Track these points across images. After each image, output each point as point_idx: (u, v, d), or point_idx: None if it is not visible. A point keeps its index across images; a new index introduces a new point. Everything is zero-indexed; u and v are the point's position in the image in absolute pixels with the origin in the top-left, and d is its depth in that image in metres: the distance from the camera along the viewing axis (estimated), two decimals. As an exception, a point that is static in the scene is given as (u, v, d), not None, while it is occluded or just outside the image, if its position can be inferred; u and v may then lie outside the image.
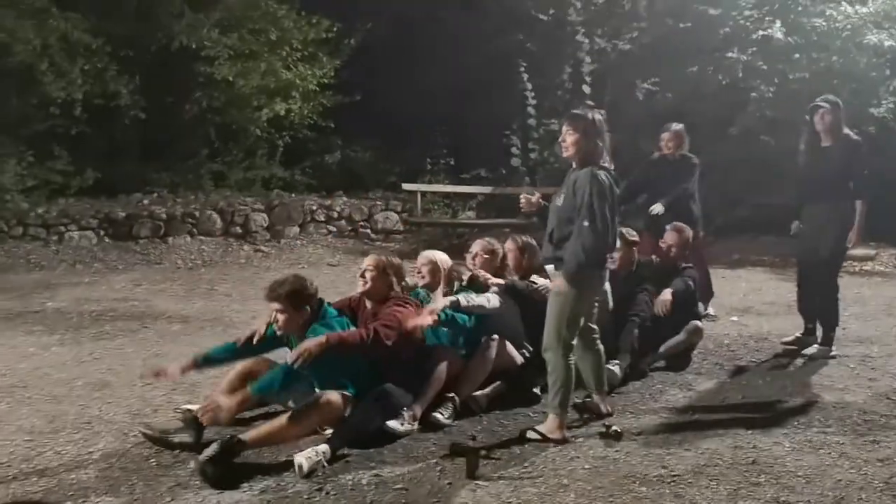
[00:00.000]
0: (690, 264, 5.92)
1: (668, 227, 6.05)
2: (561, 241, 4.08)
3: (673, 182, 6.75)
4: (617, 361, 5.07)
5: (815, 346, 6.01)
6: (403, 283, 4.64)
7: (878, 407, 4.79)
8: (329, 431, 3.90)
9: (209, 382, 4.80)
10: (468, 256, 5.21)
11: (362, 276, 4.48)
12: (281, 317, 4.07)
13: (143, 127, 11.50)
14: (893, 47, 11.01)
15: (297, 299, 4.08)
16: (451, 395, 4.43)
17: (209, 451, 3.52)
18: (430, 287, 4.84)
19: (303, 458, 3.61)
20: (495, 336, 4.67)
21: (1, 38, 10.12)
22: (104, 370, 5.32)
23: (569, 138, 4.09)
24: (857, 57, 11.12)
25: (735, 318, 7.28)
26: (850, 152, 5.76)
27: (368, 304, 4.49)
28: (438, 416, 4.30)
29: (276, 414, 4.10)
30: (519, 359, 4.81)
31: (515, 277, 5.03)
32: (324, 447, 3.72)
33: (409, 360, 4.36)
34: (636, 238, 5.68)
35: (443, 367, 4.41)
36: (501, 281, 4.94)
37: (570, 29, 12.02)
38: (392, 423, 4.08)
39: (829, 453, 4.01)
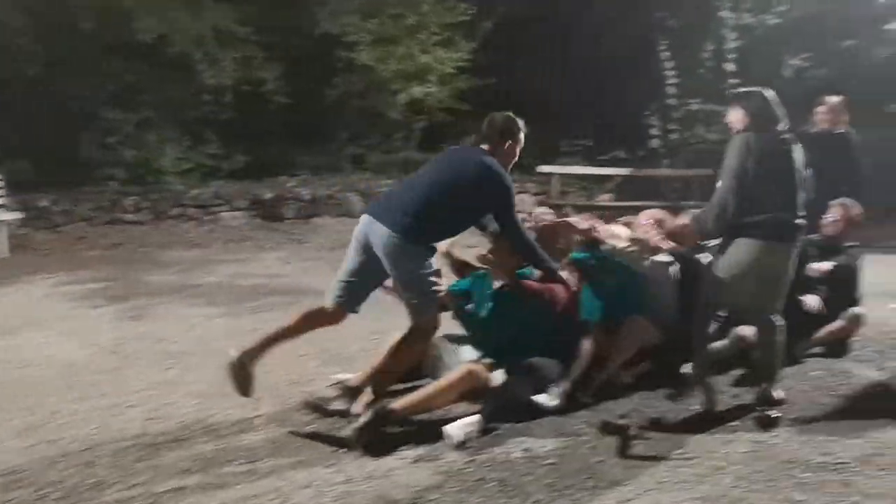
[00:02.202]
0: (857, 243, 5.60)
1: (832, 203, 5.73)
2: None
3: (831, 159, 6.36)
4: None
5: None
6: None
7: None
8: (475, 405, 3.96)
9: (359, 356, 4.99)
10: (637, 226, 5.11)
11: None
12: None
13: (287, 112, 11.99)
14: None
15: None
16: (596, 373, 4.39)
17: (362, 420, 3.66)
18: None
19: (455, 429, 3.69)
20: (638, 316, 4.59)
21: (162, 29, 10.79)
22: (262, 341, 5.60)
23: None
24: None
25: (895, 306, 6.84)
26: None
27: None
28: (582, 395, 4.28)
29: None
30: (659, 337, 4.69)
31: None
32: (476, 418, 3.78)
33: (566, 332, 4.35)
34: None
35: (589, 344, 4.37)
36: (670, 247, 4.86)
37: (715, 4, 11.56)
38: (540, 398, 4.09)
39: None
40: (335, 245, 10.03)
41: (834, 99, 6.18)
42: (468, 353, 4.31)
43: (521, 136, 4.34)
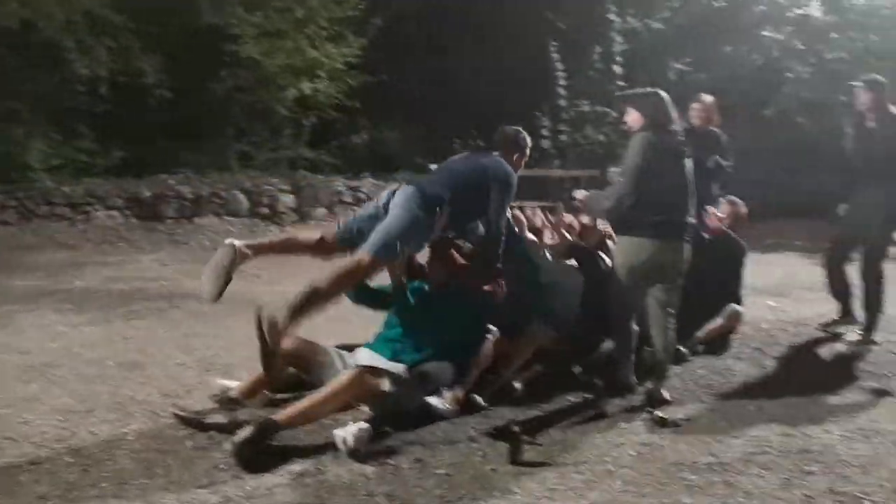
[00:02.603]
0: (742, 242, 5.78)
1: (722, 199, 5.90)
2: None
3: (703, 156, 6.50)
4: None
5: (858, 332, 5.85)
6: None
7: (929, 395, 4.65)
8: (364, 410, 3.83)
9: (241, 365, 4.75)
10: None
11: None
12: None
13: (169, 106, 11.45)
14: (935, 26, 10.74)
15: None
16: (493, 376, 4.32)
17: (244, 434, 3.43)
18: None
19: (346, 433, 3.53)
20: (539, 318, 4.58)
21: (26, 14, 10.07)
22: (135, 350, 5.27)
23: None
24: (896, 35, 10.86)
25: (772, 303, 7.12)
26: (894, 130, 5.56)
27: None
28: (478, 398, 4.20)
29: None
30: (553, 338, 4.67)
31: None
32: (365, 425, 3.62)
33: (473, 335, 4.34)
34: None
35: (489, 347, 4.30)
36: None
37: (602, 8, 11.80)
38: (433, 401, 3.97)
39: (882, 442, 3.87)
40: (219, 246, 9.64)
41: (708, 98, 6.27)
42: (359, 358, 4.12)
43: (528, 150, 4.69)
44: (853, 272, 5.95)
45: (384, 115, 13.14)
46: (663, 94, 4.42)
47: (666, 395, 4.38)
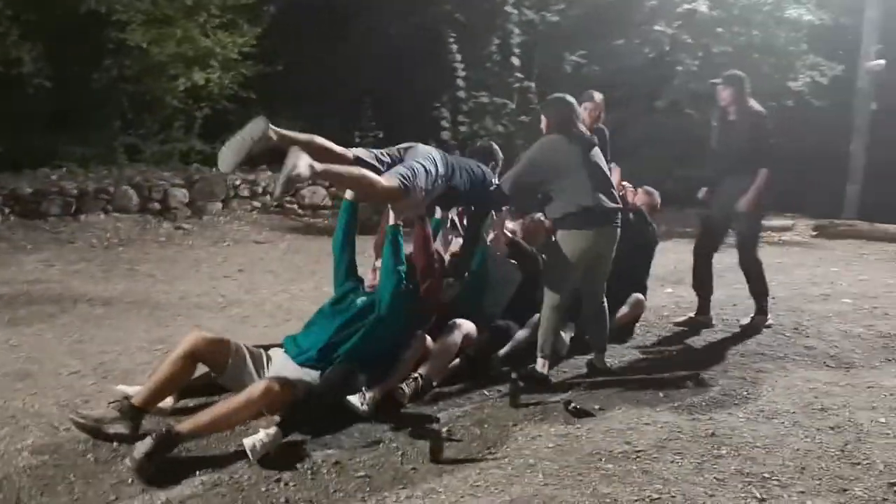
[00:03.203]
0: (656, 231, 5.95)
1: (640, 189, 6.11)
2: None
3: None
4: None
5: (752, 315, 6.09)
6: None
7: (819, 374, 4.89)
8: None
9: (141, 370, 4.54)
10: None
11: None
12: None
13: (50, 97, 10.76)
14: (811, 22, 11.31)
15: None
16: (416, 375, 4.26)
17: (143, 447, 3.22)
18: None
19: (254, 440, 3.39)
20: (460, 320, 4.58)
21: None
22: (24, 359, 4.91)
23: None
24: (776, 31, 11.38)
25: (670, 290, 7.36)
26: (753, 124, 5.81)
27: None
28: (401, 390, 4.13)
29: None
30: (474, 334, 4.68)
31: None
32: (274, 429, 3.49)
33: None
34: None
35: (412, 354, 4.27)
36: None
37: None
38: (353, 399, 3.86)
39: (783, 423, 4.05)
40: (109, 244, 9.20)
41: (598, 96, 6.29)
42: (273, 366, 3.97)
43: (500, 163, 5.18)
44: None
45: (281, 105, 12.78)
46: (569, 98, 4.75)
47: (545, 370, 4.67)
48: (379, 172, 3.96)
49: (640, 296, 5.78)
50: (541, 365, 4.65)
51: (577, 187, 4.53)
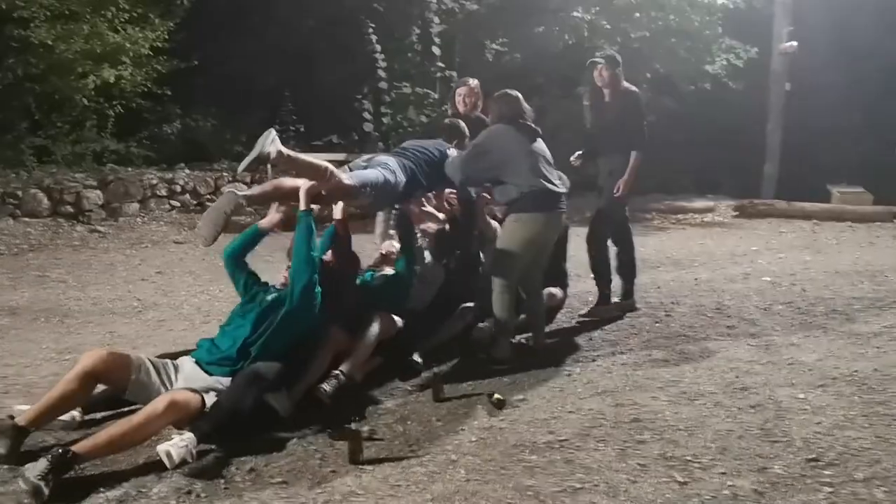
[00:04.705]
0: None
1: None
2: None
3: None
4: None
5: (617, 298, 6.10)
6: None
7: (740, 353, 4.95)
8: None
9: (47, 382, 4.30)
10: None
11: None
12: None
13: (-53, 98, 10.23)
14: (725, 6, 11.53)
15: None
16: (337, 372, 4.15)
17: (38, 469, 2.97)
18: None
19: (169, 447, 3.24)
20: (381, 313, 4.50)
21: None
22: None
23: None
24: (691, 15, 11.56)
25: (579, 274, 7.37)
26: (626, 105, 5.82)
27: None
28: (323, 389, 4.02)
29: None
30: (395, 328, 4.61)
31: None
32: (189, 435, 3.34)
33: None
34: None
35: (328, 351, 4.16)
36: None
37: (418, -13, 11.77)
38: (272, 398, 3.72)
39: (705, 404, 4.06)
40: (18, 251, 8.78)
41: (473, 81, 6.13)
42: (187, 375, 3.79)
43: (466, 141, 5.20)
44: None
45: (197, 101, 12.43)
46: (513, 92, 4.96)
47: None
48: None
49: (552, 289, 5.67)
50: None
51: (526, 173, 4.74)
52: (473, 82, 6.04)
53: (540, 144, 4.92)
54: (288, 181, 4.19)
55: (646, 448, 3.51)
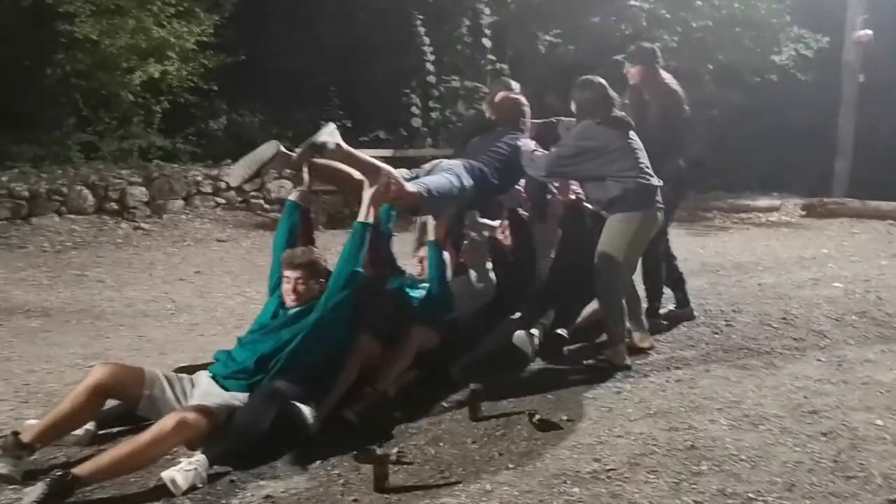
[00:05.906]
0: None
1: None
2: None
3: None
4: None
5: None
6: None
7: (809, 371, 4.51)
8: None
9: (68, 391, 4.09)
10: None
11: None
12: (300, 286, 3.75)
13: (-5, 95, 10.24)
14: (794, -8, 10.93)
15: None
16: (369, 390, 3.86)
17: (35, 495, 2.75)
18: None
19: (175, 473, 2.98)
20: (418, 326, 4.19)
21: None
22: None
23: None
24: (757, 3, 11.01)
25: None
26: (668, 106, 5.18)
27: None
28: (350, 414, 3.72)
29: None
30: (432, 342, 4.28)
31: None
32: (199, 457, 3.09)
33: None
34: None
35: (357, 360, 3.85)
36: None
37: (467, -22, 11.45)
38: (303, 409, 3.42)
39: (770, 430, 3.67)
40: (62, 248, 8.72)
41: (515, 85, 5.61)
42: (202, 391, 3.53)
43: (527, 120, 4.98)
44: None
45: (244, 97, 12.30)
46: (596, 79, 4.61)
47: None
48: None
49: None
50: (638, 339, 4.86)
51: (630, 169, 4.49)
52: (515, 85, 5.50)
53: (633, 136, 4.60)
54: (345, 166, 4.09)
55: (703, 482, 3.14)
